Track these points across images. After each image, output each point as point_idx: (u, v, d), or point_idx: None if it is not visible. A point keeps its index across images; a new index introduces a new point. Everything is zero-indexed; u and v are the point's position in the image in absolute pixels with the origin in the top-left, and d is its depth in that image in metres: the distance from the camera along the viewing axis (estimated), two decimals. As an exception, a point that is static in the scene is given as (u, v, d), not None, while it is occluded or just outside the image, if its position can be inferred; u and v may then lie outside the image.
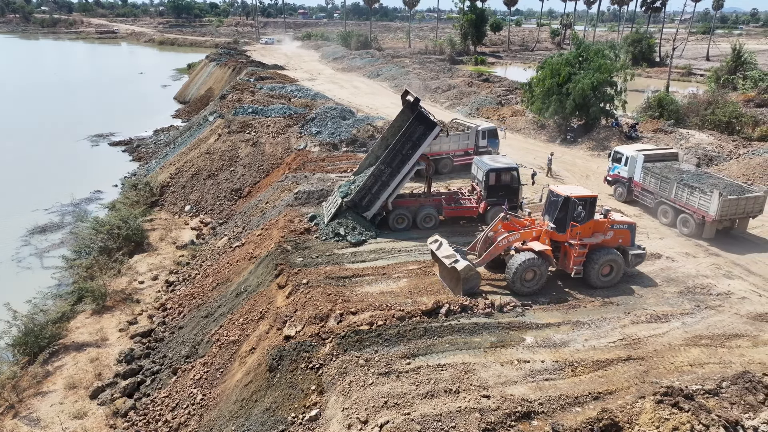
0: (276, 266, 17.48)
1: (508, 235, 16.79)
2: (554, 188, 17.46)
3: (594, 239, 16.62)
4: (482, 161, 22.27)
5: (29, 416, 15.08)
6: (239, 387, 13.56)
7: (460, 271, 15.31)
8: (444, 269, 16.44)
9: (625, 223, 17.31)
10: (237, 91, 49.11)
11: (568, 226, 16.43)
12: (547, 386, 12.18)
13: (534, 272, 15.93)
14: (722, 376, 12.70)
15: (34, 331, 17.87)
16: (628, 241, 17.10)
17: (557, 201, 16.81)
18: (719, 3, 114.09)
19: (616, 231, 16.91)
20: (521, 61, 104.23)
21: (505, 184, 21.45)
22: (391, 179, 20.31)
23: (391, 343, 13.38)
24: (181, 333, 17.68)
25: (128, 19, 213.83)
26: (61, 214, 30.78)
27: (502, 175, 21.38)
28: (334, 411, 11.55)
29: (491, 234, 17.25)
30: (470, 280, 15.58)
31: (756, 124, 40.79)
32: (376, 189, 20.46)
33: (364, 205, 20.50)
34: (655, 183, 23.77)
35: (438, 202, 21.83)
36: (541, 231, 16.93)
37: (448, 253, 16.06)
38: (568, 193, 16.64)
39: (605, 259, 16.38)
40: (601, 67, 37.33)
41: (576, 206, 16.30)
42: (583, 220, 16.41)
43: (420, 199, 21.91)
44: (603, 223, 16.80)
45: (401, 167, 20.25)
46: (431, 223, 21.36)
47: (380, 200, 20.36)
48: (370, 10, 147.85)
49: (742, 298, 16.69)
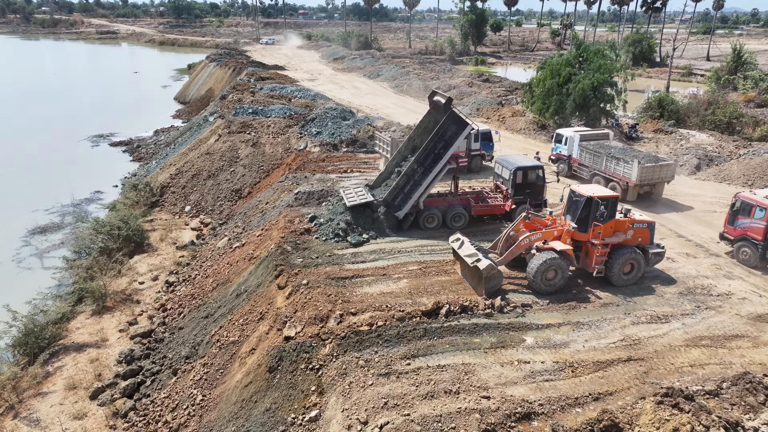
0: (276, 267, 17.47)
1: (530, 234, 16.93)
2: (576, 188, 17.62)
3: (615, 238, 16.76)
4: (507, 160, 22.58)
5: (29, 417, 15.08)
6: (239, 388, 13.55)
7: (482, 270, 15.31)
8: (465, 268, 16.52)
9: (645, 222, 17.39)
10: (237, 91, 49.12)
11: (590, 225, 16.56)
12: (547, 387, 12.17)
13: (555, 271, 16.07)
14: (723, 376, 12.68)
15: (34, 331, 17.87)
16: (647, 239, 17.21)
17: (579, 201, 16.96)
18: (719, 3, 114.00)
19: (636, 230, 17.02)
20: (521, 62, 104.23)
21: (531, 182, 21.83)
22: (423, 178, 20.47)
23: (391, 343, 13.37)
24: (181, 333, 17.67)
25: (129, 20, 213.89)
26: (62, 215, 30.79)
27: (529, 173, 21.77)
28: (334, 412, 11.54)
29: (513, 233, 17.38)
30: (492, 279, 15.61)
31: (756, 124, 40.82)
32: (408, 188, 20.60)
33: (396, 204, 20.63)
34: (590, 158, 27.55)
35: (466, 201, 22.08)
36: (563, 230, 17.06)
37: (470, 251, 16.09)
38: (591, 193, 16.80)
39: (626, 258, 16.52)
40: (601, 68, 37.34)
41: (598, 206, 16.44)
42: (605, 219, 16.55)
43: (448, 198, 22.12)
44: (624, 222, 16.92)
45: (433, 166, 20.40)
46: (460, 222, 21.52)
47: (412, 199, 20.49)
48: (370, 10, 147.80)
49: (743, 298, 16.68)
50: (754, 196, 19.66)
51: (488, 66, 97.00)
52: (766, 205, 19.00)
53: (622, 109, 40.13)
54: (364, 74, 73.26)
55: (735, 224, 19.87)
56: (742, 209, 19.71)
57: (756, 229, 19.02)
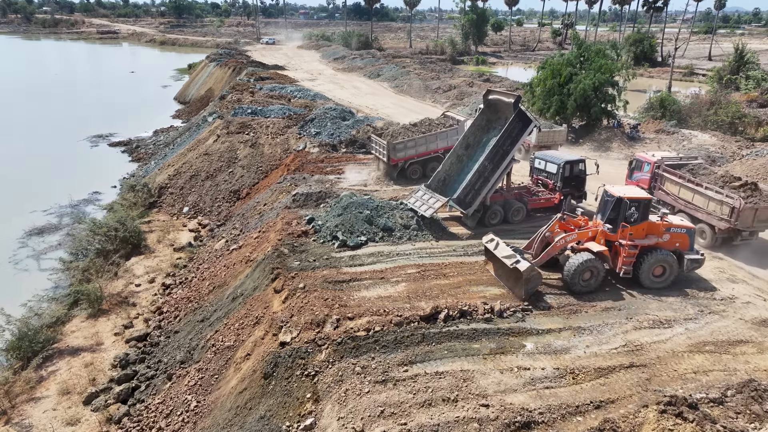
0: (272, 270, 17.23)
1: (566, 235, 16.99)
2: (609, 188, 17.59)
3: (647, 241, 16.64)
4: (550, 156, 24.17)
5: (21, 423, 14.85)
6: (234, 394, 13.31)
7: (522, 272, 15.24)
8: (501, 268, 16.49)
9: (684, 227, 17.18)
10: (236, 91, 48.88)
11: (620, 226, 16.52)
12: (547, 394, 11.90)
13: (591, 272, 16.15)
14: (727, 384, 12.41)
15: (28, 335, 17.64)
16: (686, 245, 17.02)
17: (610, 201, 16.95)
18: (721, 2, 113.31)
19: (673, 234, 16.87)
20: (522, 61, 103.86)
21: (576, 174, 23.25)
22: (491, 175, 21.01)
23: (389, 349, 13.11)
24: (177, 337, 17.43)
25: (129, 20, 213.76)
26: (59, 216, 30.57)
27: (574, 166, 23.21)
28: (330, 420, 11.29)
29: (548, 234, 17.40)
30: (532, 280, 15.59)
31: (759, 124, 40.46)
32: (478, 185, 21.12)
33: (467, 201, 21.02)
34: None
35: (519, 195, 22.75)
36: (597, 231, 17.09)
37: (507, 252, 16.05)
38: (622, 193, 16.75)
39: (656, 260, 16.42)
40: (602, 68, 37.05)
41: (628, 207, 16.38)
42: (636, 221, 16.48)
43: (503, 194, 22.53)
44: (658, 226, 16.79)
45: (500, 163, 20.98)
46: (519, 216, 22.18)
47: (481, 195, 21.00)
48: (371, 10, 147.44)
49: (747, 302, 16.40)
50: (645, 155, 25.07)
51: (489, 66, 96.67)
52: (651, 161, 23.90)
53: (623, 109, 39.81)
54: (365, 74, 72.97)
55: (632, 178, 24.61)
56: (637, 166, 24.65)
57: (644, 180, 23.88)
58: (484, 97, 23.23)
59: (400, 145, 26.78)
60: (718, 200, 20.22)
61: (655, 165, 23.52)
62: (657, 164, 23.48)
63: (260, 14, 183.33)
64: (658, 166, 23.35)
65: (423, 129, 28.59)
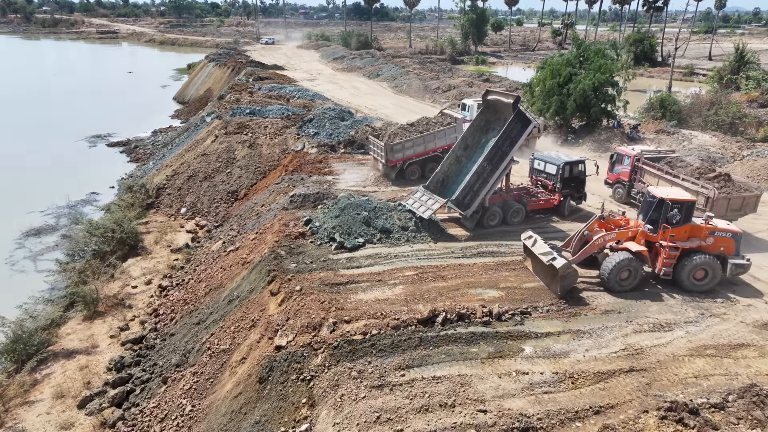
0: (269, 272, 17.05)
1: (604, 234, 16.99)
2: (652, 189, 17.58)
3: (689, 243, 16.54)
4: (549, 156, 24.14)
5: (15, 427, 14.68)
6: (229, 398, 13.15)
7: (558, 269, 15.36)
8: (539, 265, 16.68)
9: (730, 231, 16.99)
10: (235, 91, 48.71)
11: (660, 227, 16.49)
12: (546, 399, 11.74)
13: (629, 272, 16.16)
14: (728, 388, 12.24)
15: (22, 337, 17.46)
16: (731, 249, 16.85)
17: (652, 202, 16.93)
18: (721, 2, 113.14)
19: (718, 238, 16.70)
20: (522, 61, 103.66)
21: (575, 176, 23.14)
22: (490, 176, 20.86)
23: (386, 353, 12.95)
24: (173, 340, 17.26)
25: (129, 19, 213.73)
26: (57, 216, 30.40)
27: (573, 167, 23.08)
28: (325, 426, 11.13)
29: (587, 232, 17.46)
30: (568, 277, 15.71)
31: (759, 124, 40.26)
32: (477, 186, 20.97)
33: (465, 202, 20.88)
34: None
35: (518, 196, 22.58)
36: (637, 231, 17.07)
37: (544, 250, 16.26)
38: (664, 195, 16.72)
39: (697, 263, 16.31)
40: (602, 68, 36.87)
41: (669, 208, 16.30)
42: (678, 223, 16.38)
43: (502, 195, 22.41)
44: (702, 229, 16.65)
45: (499, 164, 20.83)
46: (518, 217, 22.00)
47: (480, 197, 20.81)
48: (370, 10, 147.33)
49: (748, 305, 16.24)
50: (625, 148, 26.05)
51: (489, 66, 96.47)
52: (630, 155, 24.72)
53: (623, 109, 39.64)
54: (364, 74, 72.79)
55: (613, 171, 25.70)
56: (617, 160, 25.51)
57: (625, 173, 24.80)
58: (483, 97, 23.06)
59: (398, 146, 26.62)
60: (693, 191, 20.48)
61: (635, 158, 24.27)
62: (636, 157, 24.24)
63: (260, 14, 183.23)
64: (638, 159, 24.09)
65: (421, 128, 28.44)
